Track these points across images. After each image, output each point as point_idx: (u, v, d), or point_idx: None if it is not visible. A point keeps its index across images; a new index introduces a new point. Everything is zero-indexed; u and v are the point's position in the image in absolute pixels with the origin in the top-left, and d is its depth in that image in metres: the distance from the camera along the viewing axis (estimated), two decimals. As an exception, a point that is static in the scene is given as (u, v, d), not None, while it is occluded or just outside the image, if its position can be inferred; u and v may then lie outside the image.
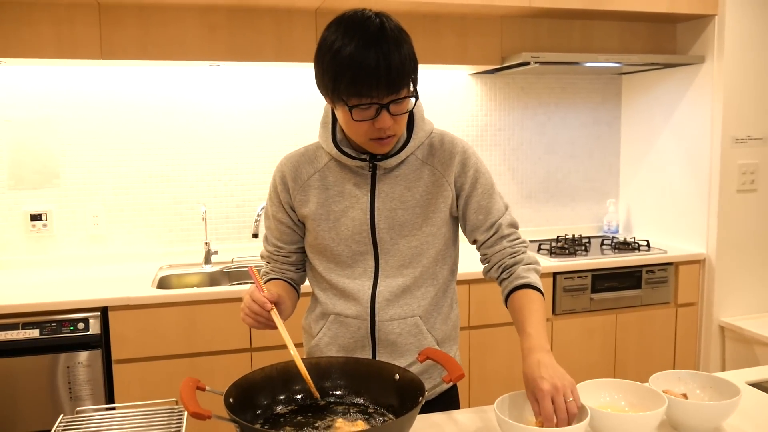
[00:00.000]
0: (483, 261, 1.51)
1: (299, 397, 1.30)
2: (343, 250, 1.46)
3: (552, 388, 1.16)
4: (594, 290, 2.93)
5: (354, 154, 1.42)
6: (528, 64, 2.87)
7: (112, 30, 2.59)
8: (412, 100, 1.35)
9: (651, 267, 3.01)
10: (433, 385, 1.50)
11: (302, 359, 1.30)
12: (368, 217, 1.43)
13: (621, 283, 2.97)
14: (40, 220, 2.92)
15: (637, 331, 3.03)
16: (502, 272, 1.46)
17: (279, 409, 1.28)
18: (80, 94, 2.91)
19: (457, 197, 1.46)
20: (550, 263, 2.88)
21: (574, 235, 3.40)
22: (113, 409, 1.32)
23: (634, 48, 3.25)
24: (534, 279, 1.42)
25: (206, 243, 2.98)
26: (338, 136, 1.45)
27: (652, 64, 3.06)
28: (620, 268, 2.97)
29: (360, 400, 1.31)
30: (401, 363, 1.46)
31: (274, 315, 1.35)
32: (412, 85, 1.32)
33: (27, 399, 2.36)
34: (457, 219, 1.51)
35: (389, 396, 1.27)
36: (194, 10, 2.66)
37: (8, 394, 2.35)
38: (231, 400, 1.17)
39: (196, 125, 3.05)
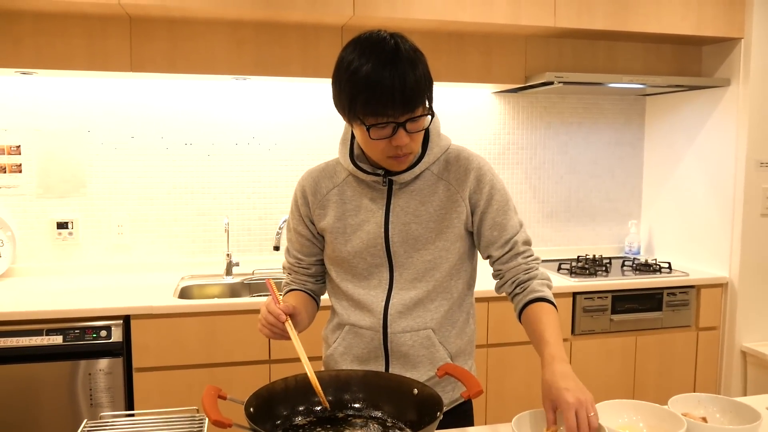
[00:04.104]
0: (495, 276, 1.52)
1: (318, 408, 1.31)
2: (359, 263, 1.48)
3: (576, 402, 1.17)
4: (614, 311, 2.91)
5: (369, 170, 1.45)
6: (551, 83, 2.88)
7: (142, 43, 2.65)
8: (428, 117, 1.37)
9: (672, 289, 2.98)
10: (450, 401, 1.51)
11: (322, 371, 1.33)
12: (382, 230, 1.45)
13: (642, 305, 2.95)
14: (67, 228, 2.97)
15: (657, 354, 3.00)
16: (515, 287, 1.47)
17: (298, 420, 1.29)
18: (109, 106, 2.98)
19: (472, 213, 1.48)
20: (570, 283, 2.87)
21: (594, 256, 3.38)
22: (139, 415, 1.34)
23: (658, 70, 3.24)
24: (548, 294, 1.44)
25: (228, 254, 3.01)
26: (356, 152, 1.48)
27: (677, 86, 3.06)
28: (641, 290, 2.94)
29: (378, 414, 1.31)
30: (414, 375, 1.47)
31: (289, 326, 1.37)
32: (427, 102, 1.34)
33: (49, 404, 2.40)
34: (472, 234, 1.52)
35: (408, 410, 1.28)
36: (222, 24, 2.71)
37: (31, 399, 2.38)
38: (251, 409, 1.19)
39: (221, 138, 3.10)
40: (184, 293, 2.84)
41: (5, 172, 2.90)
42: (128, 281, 2.86)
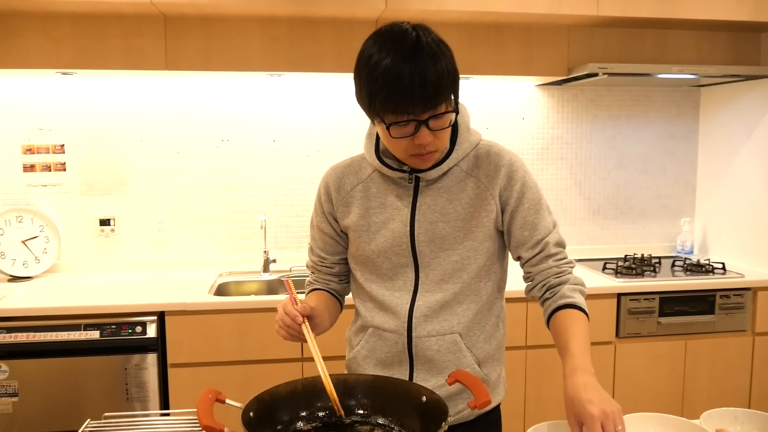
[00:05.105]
0: (526, 279, 1.45)
1: (322, 414, 1.27)
2: (383, 262, 1.43)
3: (601, 414, 1.09)
4: (662, 314, 2.77)
5: (395, 166, 1.39)
6: (596, 75, 2.76)
7: (177, 42, 2.67)
8: (453, 114, 1.30)
9: (726, 291, 2.81)
10: (462, 409, 1.44)
11: (330, 375, 1.28)
12: (408, 229, 1.39)
13: (692, 308, 2.79)
14: (109, 225, 3.03)
15: (708, 360, 2.84)
16: (545, 292, 1.39)
17: (300, 425, 1.25)
18: (147, 105, 3.01)
19: (503, 212, 1.40)
20: (615, 283, 2.74)
21: (643, 255, 3.23)
22: (142, 416, 1.33)
23: (712, 59, 3.07)
24: (579, 300, 1.35)
25: (265, 251, 3.01)
26: (381, 147, 1.42)
27: (733, 75, 2.88)
28: (691, 292, 2.79)
29: (385, 421, 1.26)
30: (439, 380, 1.41)
31: (305, 328, 1.33)
32: (453, 98, 1.28)
33: (84, 398, 2.44)
34: (503, 234, 1.44)
35: (414, 418, 1.22)
36: (256, 21, 2.70)
37: (67, 393, 2.43)
38: (251, 414, 1.15)
39: (258, 135, 3.09)
40: (221, 290, 2.85)
41: (50, 171, 2.97)
42: (167, 277, 2.89)
